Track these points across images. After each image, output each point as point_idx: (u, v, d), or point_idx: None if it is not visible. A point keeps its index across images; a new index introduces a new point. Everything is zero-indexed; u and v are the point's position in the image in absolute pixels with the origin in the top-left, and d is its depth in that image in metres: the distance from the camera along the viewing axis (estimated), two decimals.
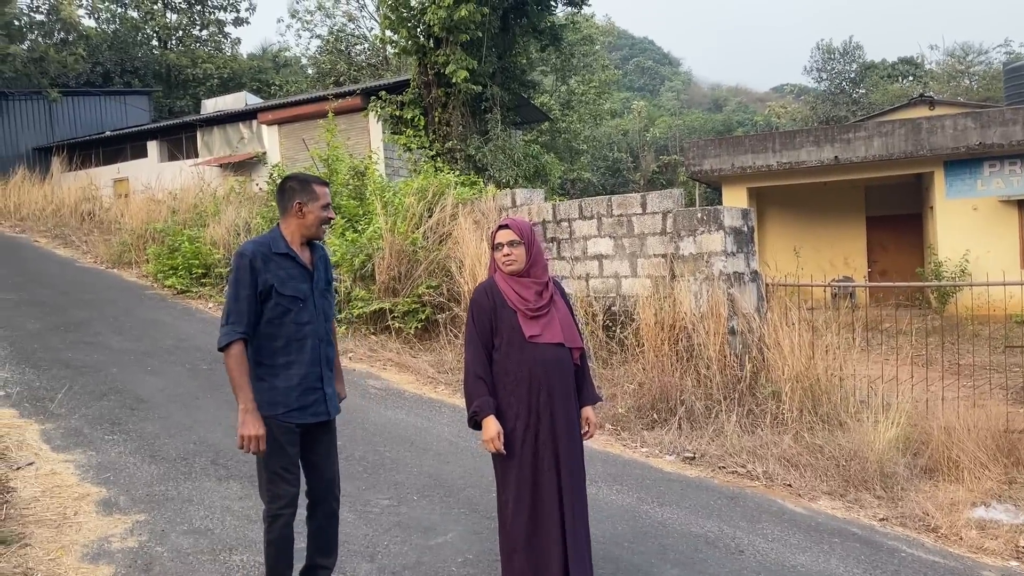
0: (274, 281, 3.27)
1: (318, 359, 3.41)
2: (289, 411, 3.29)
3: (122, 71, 31.82)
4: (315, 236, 3.45)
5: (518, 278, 3.48)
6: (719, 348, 7.06)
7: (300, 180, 3.46)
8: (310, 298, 3.39)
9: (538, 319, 3.44)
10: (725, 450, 5.85)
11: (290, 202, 3.38)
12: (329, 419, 3.47)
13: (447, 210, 9.96)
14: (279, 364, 3.30)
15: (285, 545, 3.32)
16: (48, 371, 7.12)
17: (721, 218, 7.77)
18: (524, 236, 3.50)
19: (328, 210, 3.44)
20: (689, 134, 44.73)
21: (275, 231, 3.44)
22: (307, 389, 3.35)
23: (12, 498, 4.49)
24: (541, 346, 3.40)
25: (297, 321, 3.33)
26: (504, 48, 16.81)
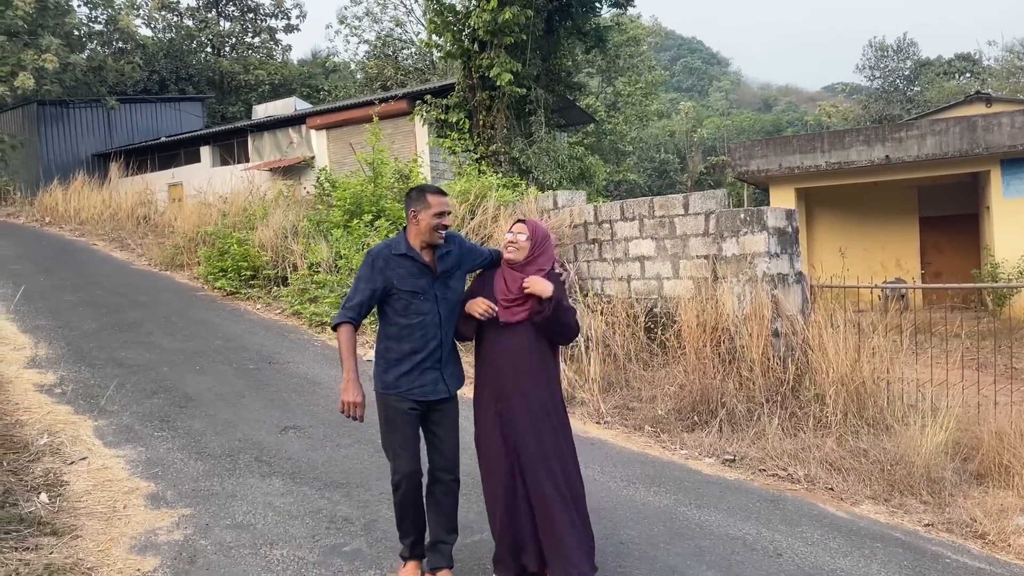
0: (394, 278, 3.72)
1: (438, 345, 3.78)
2: (411, 389, 3.71)
3: (177, 78, 32.66)
4: (431, 241, 3.79)
5: (511, 269, 3.80)
6: (762, 350, 6.98)
7: (418, 190, 3.86)
8: (430, 291, 3.77)
9: (510, 309, 3.72)
10: (766, 453, 5.78)
11: (408, 210, 3.82)
12: (447, 397, 3.83)
13: (489, 212, 10.01)
14: (402, 348, 3.72)
15: (406, 511, 3.74)
16: (102, 369, 7.36)
17: (765, 219, 7.68)
18: (535, 235, 3.82)
19: (443, 217, 3.77)
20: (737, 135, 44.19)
21: (400, 235, 3.88)
22: (425, 370, 3.74)
23: (65, 491, 4.65)
24: (510, 335, 3.70)
25: (417, 312, 3.73)
26: (549, 50, 16.83)
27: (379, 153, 12.44)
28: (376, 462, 5.40)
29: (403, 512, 3.74)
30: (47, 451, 5.25)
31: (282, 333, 9.44)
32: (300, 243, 11.56)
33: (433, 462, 3.85)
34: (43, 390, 6.64)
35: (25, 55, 21.81)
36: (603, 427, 6.48)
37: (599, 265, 9.35)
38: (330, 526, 4.37)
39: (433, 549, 3.85)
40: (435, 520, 3.85)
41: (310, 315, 9.94)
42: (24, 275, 11.96)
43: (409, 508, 3.74)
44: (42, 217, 20.00)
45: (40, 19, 23.05)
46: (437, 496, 3.85)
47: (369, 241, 10.45)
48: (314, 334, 9.52)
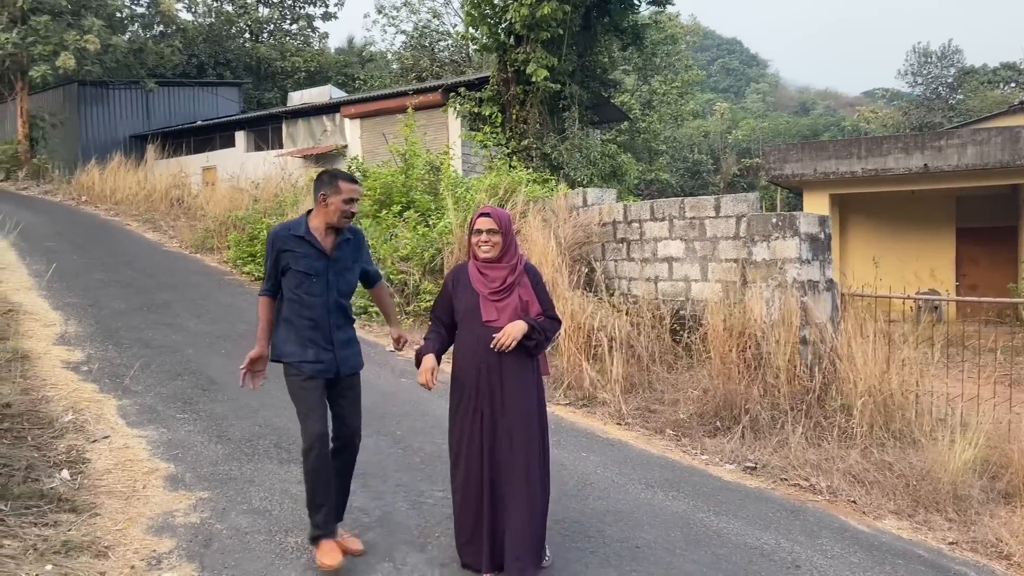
0: (289, 257, 3.89)
1: (328, 326, 3.93)
2: (302, 362, 3.86)
3: (215, 63, 32.99)
4: (337, 225, 3.95)
5: (490, 263, 3.80)
6: (789, 357, 6.87)
7: (330, 175, 4.00)
8: (323, 275, 3.92)
9: (498, 302, 3.75)
10: (788, 462, 5.69)
11: (317, 193, 3.96)
12: (339, 377, 3.95)
13: (517, 207, 9.96)
14: (296, 323, 3.91)
15: (318, 476, 3.80)
16: (129, 349, 7.44)
17: (797, 224, 7.56)
18: (502, 225, 3.79)
19: (351, 204, 3.94)
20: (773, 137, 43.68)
21: (302, 217, 4.03)
22: (319, 349, 3.90)
23: (87, 469, 4.70)
24: (495, 328, 3.68)
25: (309, 292, 3.90)
26: (585, 46, 16.73)
27: (412, 144, 12.45)
28: (393, 454, 5.40)
29: (316, 479, 3.81)
30: (71, 428, 5.31)
31: None
32: None
33: (338, 431, 4.01)
34: (70, 367, 6.72)
35: (68, 35, 22.13)
36: (623, 428, 6.42)
37: (626, 265, 9.27)
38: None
39: None
40: (337, 484, 3.99)
41: None
42: (58, 252, 12.14)
43: (322, 473, 3.82)
44: (78, 196, 20.30)
45: (83, 0, 23.36)
46: (338, 464, 3.99)
47: (397, 232, 10.47)
48: None
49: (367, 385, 7.03)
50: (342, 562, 3.73)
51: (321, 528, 3.81)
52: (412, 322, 9.30)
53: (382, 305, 4.55)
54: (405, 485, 4.83)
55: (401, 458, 5.32)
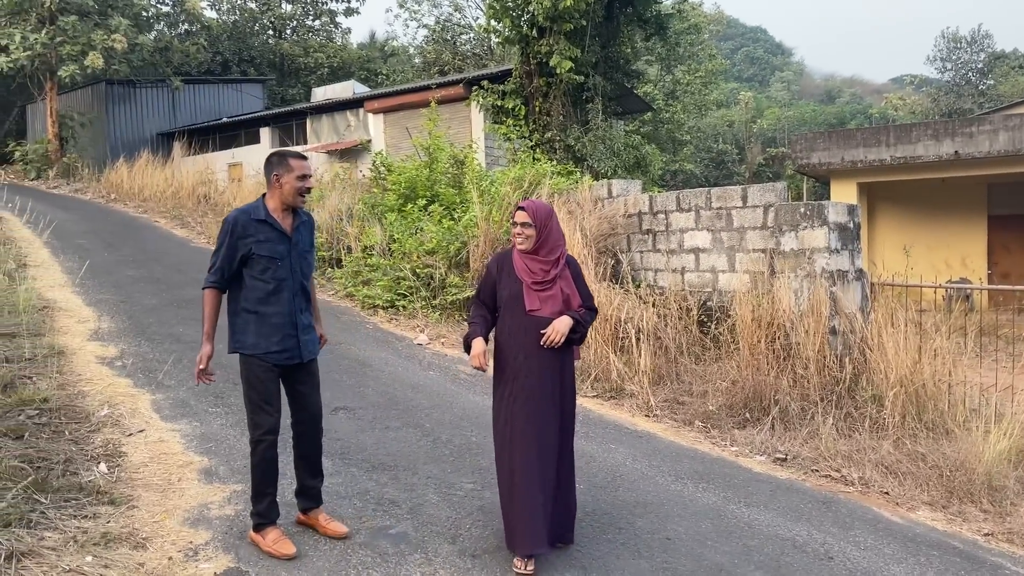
0: (252, 243, 3.82)
1: (293, 310, 3.92)
2: (268, 352, 3.84)
3: (239, 60, 33.24)
4: (293, 204, 3.95)
5: (528, 254, 3.92)
6: (818, 348, 6.82)
7: (279, 155, 3.97)
8: (287, 258, 3.90)
9: (541, 292, 3.86)
10: (819, 453, 5.64)
11: (270, 174, 3.92)
12: (302, 362, 3.97)
13: (542, 200, 9.95)
14: (260, 312, 3.85)
15: (267, 467, 3.85)
16: (161, 344, 7.54)
17: (825, 213, 7.49)
18: (537, 220, 3.89)
19: (305, 181, 3.93)
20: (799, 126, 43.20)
21: (259, 200, 3.97)
22: (284, 336, 3.88)
23: (123, 462, 4.78)
24: (537, 318, 3.81)
25: (275, 277, 3.86)
26: (608, 37, 16.64)
27: (435, 138, 12.47)
28: (424, 446, 5.43)
29: (265, 470, 3.85)
30: (107, 422, 5.39)
31: (335, 314, 9.55)
32: (355, 226, 11.67)
33: (298, 417, 4.04)
34: (105, 362, 6.83)
35: (95, 35, 22.41)
36: (652, 420, 6.41)
37: (652, 256, 9.24)
38: (377, 508, 4.40)
39: (303, 494, 4.11)
40: (304, 470, 4.08)
41: (363, 297, 10.04)
42: (89, 250, 12.32)
43: (272, 464, 3.87)
44: (108, 193, 20.58)
45: (110, 0, 23.64)
46: (305, 447, 4.07)
47: (423, 226, 10.50)
48: (366, 316, 9.61)
49: (396, 378, 7.12)
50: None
51: (264, 516, 3.88)
52: (439, 316, 9.33)
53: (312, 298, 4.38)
54: (435, 477, 4.86)
55: (431, 450, 5.35)
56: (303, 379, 4.03)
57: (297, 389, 4.03)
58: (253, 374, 3.85)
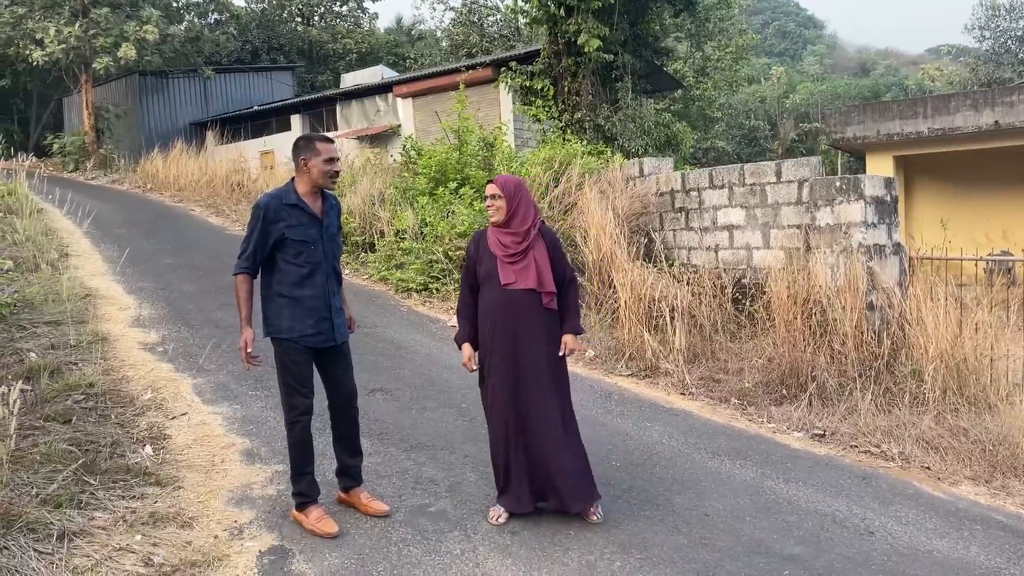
0: (284, 228, 3.84)
1: (326, 293, 3.96)
2: (303, 335, 3.89)
3: (268, 48, 33.46)
4: (323, 186, 3.98)
5: (499, 228, 4.03)
6: (855, 323, 6.74)
7: (306, 139, 3.98)
8: (319, 241, 3.93)
9: (514, 264, 3.96)
10: (858, 429, 5.59)
11: (298, 158, 3.93)
12: (336, 344, 4.02)
13: (573, 180, 9.93)
14: (295, 296, 3.88)
15: (304, 447, 3.94)
16: (200, 330, 7.67)
17: (862, 187, 7.38)
18: (506, 191, 4.01)
19: (333, 164, 3.94)
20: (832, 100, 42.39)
21: (288, 184, 4.00)
22: (319, 319, 3.92)
23: (168, 445, 4.89)
24: (512, 291, 3.93)
25: (308, 261, 3.89)
26: (636, 15, 16.44)
27: (465, 121, 12.46)
28: (460, 426, 5.48)
29: (302, 450, 3.93)
30: (151, 406, 5.52)
31: (369, 298, 9.64)
32: (387, 210, 11.74)
33: (335, 399, 4.12)
34: (147, 348, 6.98)
35: (127, 27, 22.67)
36: (687, 398, 6.39)
37: (685, 234, 9.17)
38: (416, 487, 4.46)
39: (344, 473, 4.18)
40: (343, 450, 4.16)
41: (396, 281, 10.11)
42: (128, 239, 12.54)
43: (309, 444, 3.96)
44: (143, 184, 20.90)
45: None
46: (342, 428, 4.15)
47: (454, 209, 10.52)
48: (400, 299, 9.69)
49: (431, 359, 7.17)
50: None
51: (306, 495, 3.95)
52: None
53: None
54: (472, 456, 4.90)
55: (467, 430, 5.39)
56: (336, 360, 4.09)
57: (331, 371, 4.09)
58: (288, 357, 3.91)
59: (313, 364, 4.01)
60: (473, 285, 4.13)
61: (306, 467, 3.96)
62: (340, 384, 4.12)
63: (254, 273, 3.94)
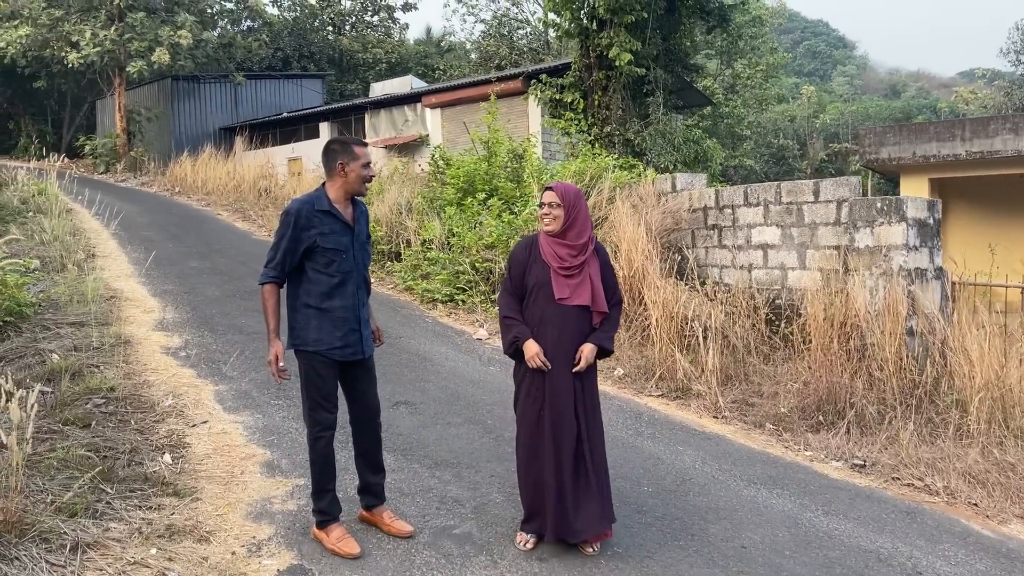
0: (316, 235, 3.66)
1: (357, 304, 3.80)
2: (331, 348, 3.72)
3: (299, 56, 33.67)
4: (358, 192, 3.82)
5: (554, 238, 3.79)
6: (895, 349, 6.52)
7: (341, 143, 3.79)
8: (350, 250, 3.77)
9: (570, 278, 3.74)
10: (900, 460, 5.37)
11: (334, 163, 3.75)
12: (364, 357, 3.85)
13: (604, 194, 9.77)
14: (324, 307, 3.71)
15: (327, 463, 3.77)
16: (224, 335, 7.57)
17: (904, 209, 7.16)
18: (565, 200, 3.78)
19: (368, 169, 3.78)
20: (863, 121, 42.01)
21: (320, 190, 3.80)
22: (348, 331, 3.76)
23: (187, 453, 4.77)
24: (565, 306, 3.71)
25: (340, 270, 3.72)
26: (669, 30, 16.30)
27: (495, 132, 12.36)
28: (486, 443, 5.32)
29: (325, 467, 3.76)
30: (171, 412, 5.41)
31: (394, 308, 9.52)
32: (414, 219, 11.64)
33: (358, 413, 3.94)
34: (169, 352, 6.88)
35: (162, 31, 22.87)
36: (720, 422, 6.18)
37: (718, 252, 8.97)
38: (440, 506, 4.30)
39: (366, 491, 4.00)
40: (365, 467, 3.98)
41: (422, 291, 9.98)
42: (155, 241, 12.53)
43: (331, 460, 3.79)
44: (172, 187, 21.00)
45: None
46: (365, 443, 3.97)
47: (482, 220, 10.40)
48: (425, 310, 9.56)
49: (456, 373, 7.02)
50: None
51: (327, 513, 3.79)
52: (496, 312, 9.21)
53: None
54: (499, 476, 4.74)
55: (493, 448, 5.23)
56: (361, 375, 3.93)
57: (355, 385, 3.93)
58: (313, 371, 3.74)
59: (337, 378, 3.85)
60: (518, 293, 3.86)
61: (328, 484, 3.80)
62: (364, 398, 3.95)
63: (282, 282, 3.76)
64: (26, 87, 29.57)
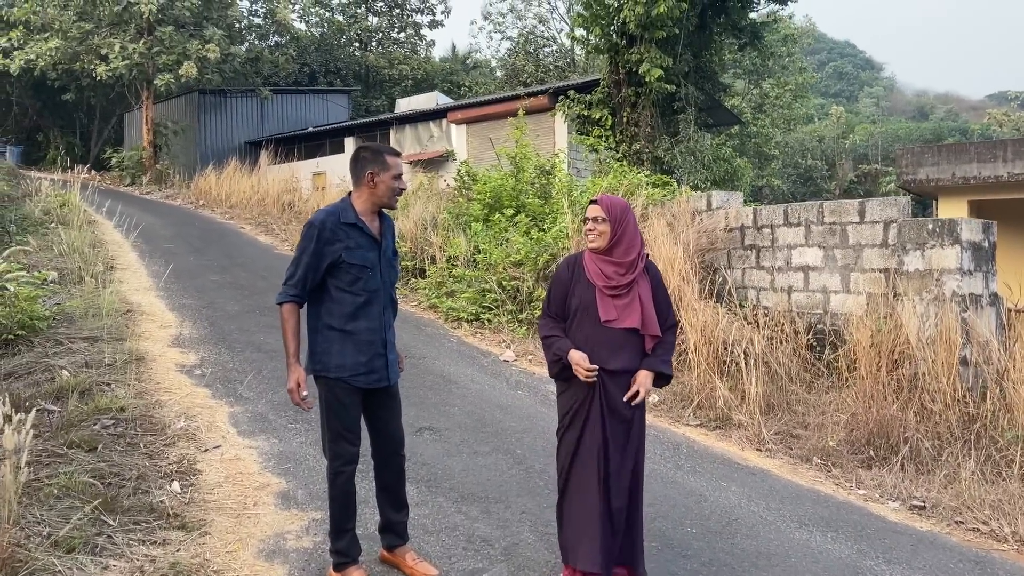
0: (342, 250, 3.37)
1: (383, 326, 3.50)
2: (355, 375, 3.42)
3: (326, 71, 33.73)
4: (387, 205, 3.53)
5: (600, 255, 3.46)
6: (950, 379, 6.11)
7: (373, 151, 3.50)
8: (376, 267, 3.47)
9: (617, 299, 3.41)
10: (962, 501, 4.96)
11: (363, 172, 3.46)
12: (389, 384, 3.54)
13: (637, 211, 9.43)
14: (348, 329, 3.41)
15: (347, 500, 3.45)
16: (241, 353, 7.29)
17: (957, 231, 6.78)
18: (611, 214, 3.45)
19: (400, 180, 3.50)
20: (892, 142, 41.42)
21: (345, 200, 3.50)
22: (373, 355, 3.45)
23: (197, 481, 4.46)
24: (612, 330, 3.37)
25: (366, 288, 3.42)
26: (700, 46, 16.01)
27: (523, 148, 12.10)
28: (516, 475, 4.97)
29: (345, 504, 3.46)
30: (183, 436, 5.12)
31: (418, 326, 9.22)
32: (439, 235, 11.36)
33: (381, 446, 3.62)
34: (184, 370, 6.60)
35: (190, 45, 22.91)
36: (764, 455, 5.79)
37: (755, 273, 8.60)
38: (467, 546, 3.96)
39: (388, 530, 3.68)
40: (387, 503, 3.67)
41: (446, 309, 9.68)
42: (176, 254, 12.35)
43: (352, 497, 3.49)
44: (196, 199, 20.92)
45: (205, 11, 24.17)
46: (387, 478, 3.65)
47: (509, 237, 10.10)
48: (450, 329, 9.24)
49: (483, 397, 6.69)
50: None
51: (345, 554, 3.47)
52: (526, 331, 8.88)
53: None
54: (530, 512, 4.39)
55: (524, 481, 4.89)
56: (386, 403, 3.60)
57: (379, 414, 3.60)
58: (335, 399, 3.42)
59: (361, 406, 3.53)
60: (559, 315, 3.52)
61: (347, 523, 3.47)
62: (388, 429, 3.62)
63: (303, 301, 3.44)
64: (56, 100, 29.82)
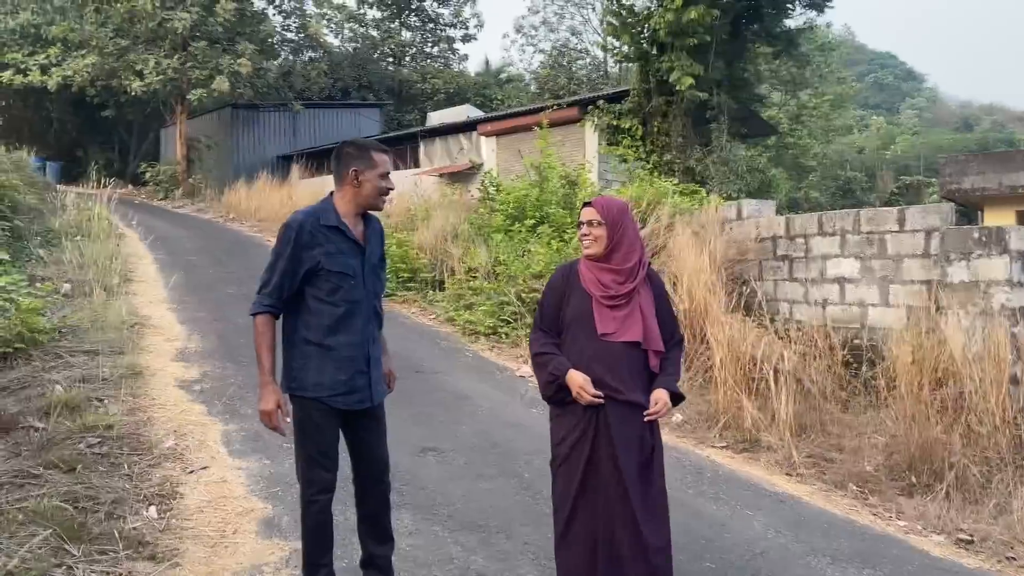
0: (321, 256, 3.08)
1: (366, 340, 3.20)
2: (334, 395, 3.11)
3: (359, 86, 33.80)
4: (372, 207, 3.25)
5: (597, 262, 3.15)
6: (999, 399, 5.63)
7: (358, 146, 3.24)
8: (359, 275, 3.16)
9: (616, 309, 3.08)
10: (1014, 535, 4.50)
11: (346, 169, 3.17)
12: (372, 405, 3.23)
13: (662, 221, 9.05)
14: (326, 343, 3.10)
15: (322, 532, 3.16)
16: (246, 368, 6.99)
17: (1006, 239, 6.31)
18: (608, 217, 3.13)
19: (387, 180, 3.22)
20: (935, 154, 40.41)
21: (327, 201, 3.23)
22: (355, 373, 3.15)
23: (176, 505, 4.16)
24: (610, 343, 3.04)
25: (347, 299, 3.12)
26: (733, 55, 15.59)
27: (547, 157, 11.81)
28: (521, 502, 4.61)
29: (320, 537, 3.15)
30: (170, 456, 4.83)
31: (434, 340, 8.91)
32: (459, 246, 11.08)
33: (364, 472, 3.30)
34: (182, 386, 6.33)
35: (223, 60, 23.05)
36: (795, 480, 5.36)
37: (788, 285, 8.16)
38: None
39: (370, 565, 3.33)
40: (369, 535, 3.33)
41: (464, 322, 9.37)
42: (198, 266, 12.23)
43: (327, 529, 3.18)
44: (226, 213, 20.94)
45: (238, 27, 24.32)
46: (370, 506, 3.32)
47: (530, 248, 9.77)
48: (467, 343, 8.92)
49: (494, 415, 6.34)
50: None
51: None
52: None
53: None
54: (533, 544, 4.02)
55: (529, 507, 4.52)
56: (368, 426, 3.27)
57: (361, 437, 3.27)
58: (310, 421, 3.11)
59: (339, 429, 3.21)
60: (552, 328, 3.19)
61: (322, 558, 3.15)
62: (372, 454, 3.29)
63: (279, 312, 3.15)
64: (95, 117, 30.25)
